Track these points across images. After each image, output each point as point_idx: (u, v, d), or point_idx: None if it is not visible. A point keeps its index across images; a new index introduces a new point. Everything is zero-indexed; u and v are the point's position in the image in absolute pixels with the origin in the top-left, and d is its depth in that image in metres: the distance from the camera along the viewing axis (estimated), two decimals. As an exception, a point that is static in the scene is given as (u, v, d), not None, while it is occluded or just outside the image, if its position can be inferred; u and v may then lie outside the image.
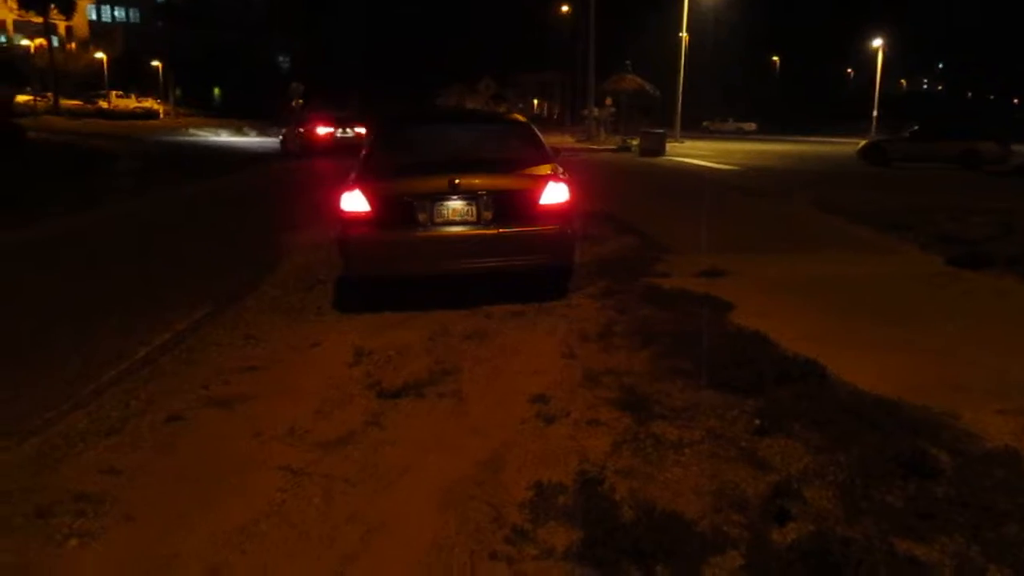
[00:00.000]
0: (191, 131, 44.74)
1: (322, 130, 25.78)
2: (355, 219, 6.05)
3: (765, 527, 2.83)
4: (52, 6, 52.08)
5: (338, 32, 73.02)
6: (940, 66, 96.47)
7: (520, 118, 8.18)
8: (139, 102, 59.31)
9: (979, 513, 2.86)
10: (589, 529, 2.84)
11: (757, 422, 3.74)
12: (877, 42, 58.49)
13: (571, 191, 6.28)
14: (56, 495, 3.21)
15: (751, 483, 3.16)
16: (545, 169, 6.45)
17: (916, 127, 26.76)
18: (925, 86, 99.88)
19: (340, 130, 26.29)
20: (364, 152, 6.79)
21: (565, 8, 56.81)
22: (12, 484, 3.33)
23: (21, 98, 42.77)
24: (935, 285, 6.98)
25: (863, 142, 28.17)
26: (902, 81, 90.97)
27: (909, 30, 65.81)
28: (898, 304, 6.31)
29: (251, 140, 41.63)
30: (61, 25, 64.21)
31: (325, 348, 5.33)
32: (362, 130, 25.54)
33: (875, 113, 55.49)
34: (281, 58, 78.51)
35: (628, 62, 43.70)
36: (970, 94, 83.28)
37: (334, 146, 25.07)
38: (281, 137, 29.46)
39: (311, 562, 2.74)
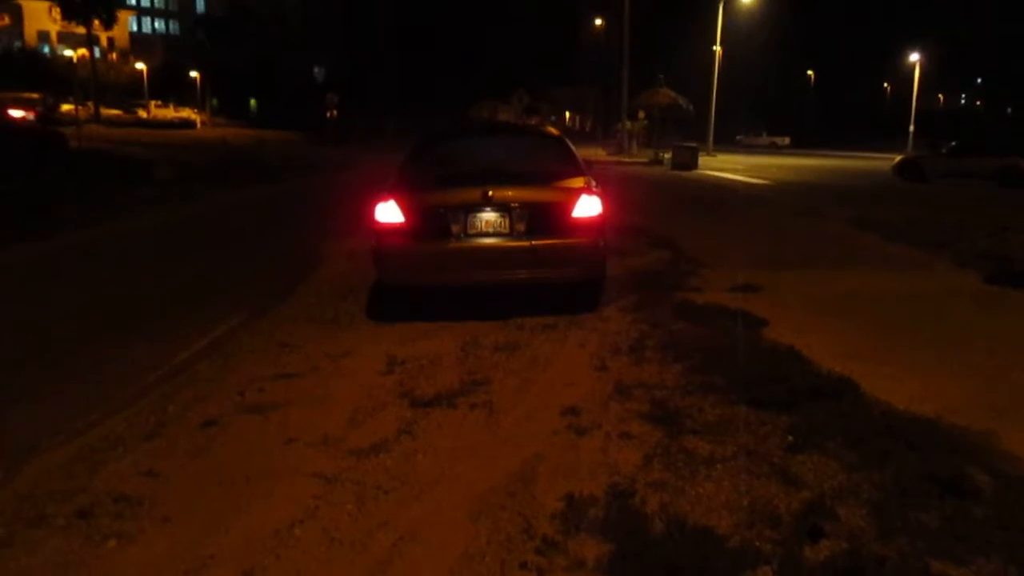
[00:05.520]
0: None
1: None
2: (390, 229, 6.11)
3: (798, 544, 2.81)
4: (94, 18, 53.11)
5: (373, 43, 73.79)
6: (979, 81, 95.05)
7: (553, 131, 8.21)
8: (177, 112, 60.17)
9: (1018, 536, 2.82)
10: (620, 542, 2.84)
11: (790, 439, 3.72)
12: (914, 57, 57.86)
13: (603, 204, 6.29)
14: (96, 496, 3.28)
15: (783, 499, 3.14)
16: (578, 182, 6.47)
17: (954, 143, 26.40)
18: (963, 101, 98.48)
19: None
20: (400, 163, 6.87)
21: (599, 22, 56.95)
22: (55, 485, 3.41)
23: (64, 107, 43.58)
24: (973, 303, 6.89)
25: (899, 158, 27.81)
26: (940, 96, 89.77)
27: (948, 45, 64.96)
28: (935, 322, 6.23)
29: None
30: (103, 36, 65.41)
31: (358, 357, 5.37)
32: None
33: (911, 128, 54.80)
34: (317, 69, 79.38)
35: (661, 76, 43.50)
36: (1009, 110, 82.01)
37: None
38: None
39: (344, 567, 2.77)
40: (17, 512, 3.17)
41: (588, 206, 6.18)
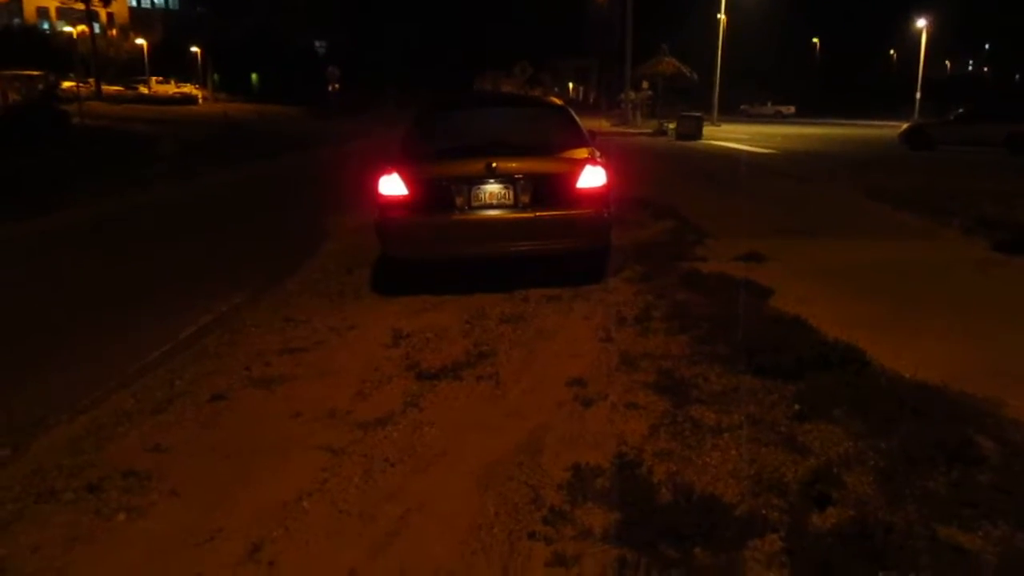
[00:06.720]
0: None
1: None
2: (393, 202, 6.09)
3: (805, 511, 2.81)
4: (94, -7, 52.80)
5: (374, 15, 73.14)
6: (986, 47, 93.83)
7: (557, 102, 8.14)
8: (178, 87, 59.92)
9: (1024, 501, 2.82)
10: (627, 511, 2.85)
11: (796, 407, 3.71)
12: (921, 23, 57.21)
13: (608, 175, 6.25)
14: (105, 471, 3.30)
15: (790, 468, 3.14)
16: (582, 153, 6.43)
17: (960, 110, 26.15)
18: (970, 68, 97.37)
19: None
20: (403, 136, 6.82)
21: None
22: (64, 459, 3.42)
23: (65, 84, 43.42)
24: (981, 271, 6.85)
25: (905, 125, 27.57)
26: (947, 63, 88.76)
27: (954, 11, 64.05)
28: (942, 290, 6.20)
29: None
30: (102, 12, 64.87)
31: (364, 330, 5.38)
32: None
33: (918, 96, 54.28)
34: (318, 43, 78.73)
35: (665, 45, 43.16)
36: (1017, 76, 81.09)
37: None
38: None
39: (352, 539, 2.78)
40: (26, 487, 3.19)
41: (592, 177, 6.14)
